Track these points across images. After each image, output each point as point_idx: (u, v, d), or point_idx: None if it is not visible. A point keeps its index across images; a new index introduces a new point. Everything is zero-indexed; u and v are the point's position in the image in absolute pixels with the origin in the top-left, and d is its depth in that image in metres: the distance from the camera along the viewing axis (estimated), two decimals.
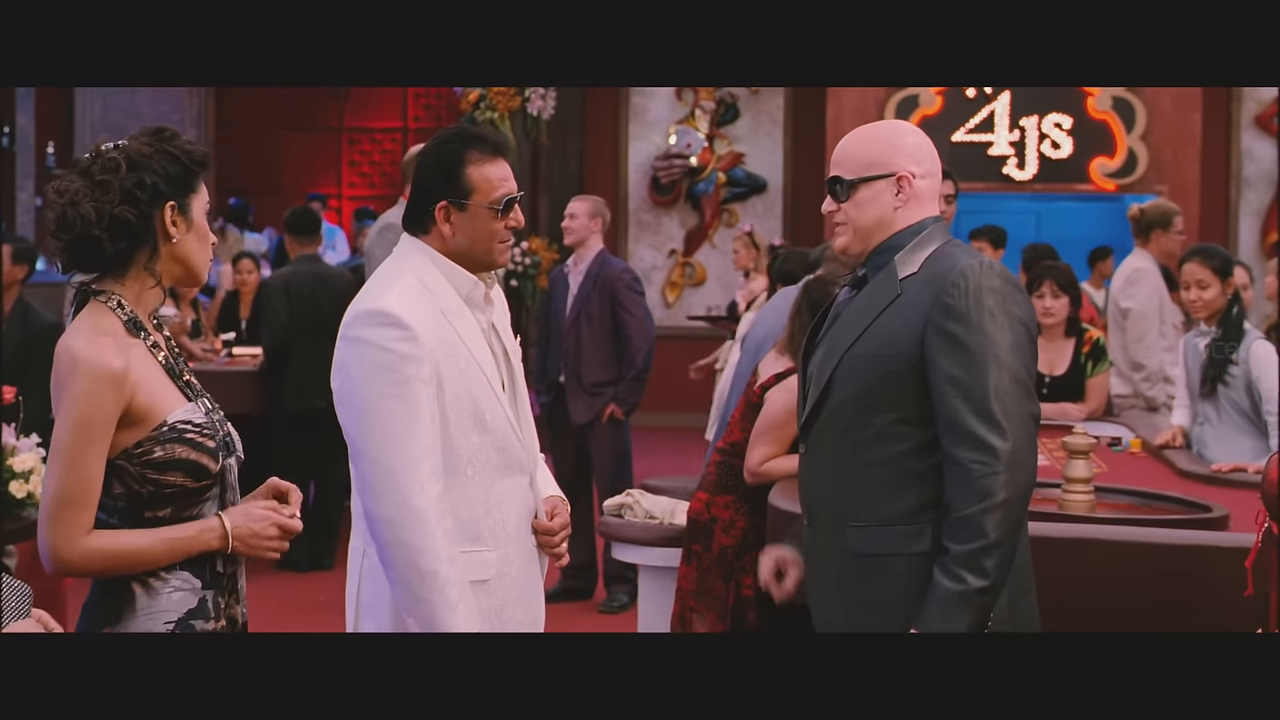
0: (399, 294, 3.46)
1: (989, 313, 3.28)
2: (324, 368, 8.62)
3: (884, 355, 3.36)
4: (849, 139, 3.59)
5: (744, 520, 5.36)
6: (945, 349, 3.28)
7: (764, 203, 15.46)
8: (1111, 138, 13.92)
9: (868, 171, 3.48)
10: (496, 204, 3.54)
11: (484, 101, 12.76)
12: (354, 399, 3.43)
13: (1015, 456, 3.23)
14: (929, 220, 3.50)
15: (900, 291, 3.40)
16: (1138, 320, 8.12)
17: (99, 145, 3.06)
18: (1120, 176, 13.91)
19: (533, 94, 12.73)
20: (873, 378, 3.38)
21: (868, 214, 3.48)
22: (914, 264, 3.42)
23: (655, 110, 15.47)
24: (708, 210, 15.41)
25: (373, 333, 3.40)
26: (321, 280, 9.08)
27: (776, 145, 15.46)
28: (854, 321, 3.46)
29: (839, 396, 3.44)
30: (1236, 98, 14.65)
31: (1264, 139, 14.70)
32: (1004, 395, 3.25)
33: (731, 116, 15.45)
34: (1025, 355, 3.32)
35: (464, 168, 3.53)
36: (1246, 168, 14.75)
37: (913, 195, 3.48)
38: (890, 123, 3.69)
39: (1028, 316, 3.37)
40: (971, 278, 3.30)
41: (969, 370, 3.26)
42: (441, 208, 3.53)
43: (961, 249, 3.46)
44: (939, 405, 3.30)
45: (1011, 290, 3.34)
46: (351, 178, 18.04)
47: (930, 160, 3.53)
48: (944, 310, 3.30)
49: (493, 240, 3.57)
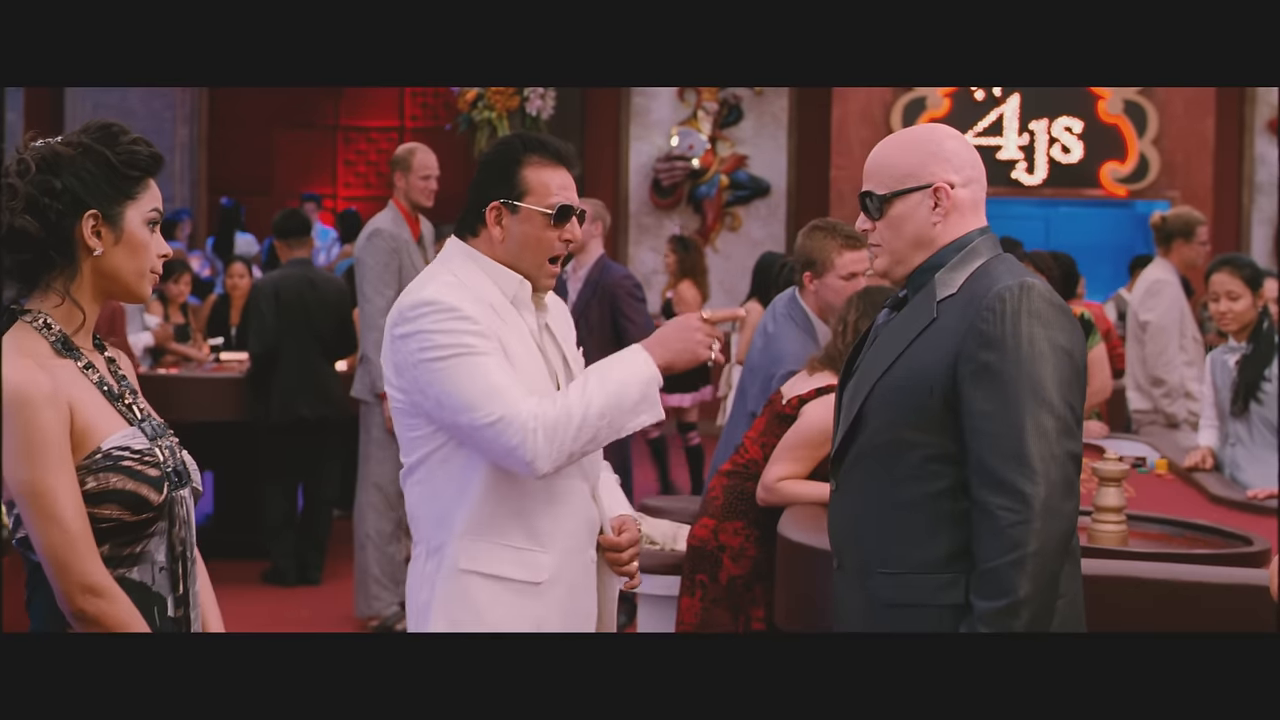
0: (440, 285, 3.33)
1: (1027, 340, 2.97)
2: (313, 375, 8.71)
3: (914, 386, 3.07)
4: (880, 148, 3.29)
5: (755, 548, 4.99)
6: (977, 380, 2.99)
7: (767, 206, 15.17)
8: (1123, 142, 13.66)
9: (901, 184, 3.17)
10: (551, 209, 3.38)
11: (482, 101, 12.45)
12: (424, 381, 3.27)
13: (1049, 503, 2.92)
14: (974, 233, 3.18)
15: (936, 315, 3.10)
16: (1158, 334, 7.80)
17: (25, 142, 2.75)
18: (1131, 182, 13.65)
19: (531, 93, 12.43)
20: (904, 411, 3.09)
21: (904, 232, 3.18)
22: (954, 284, 3.12)
23: (657, 111, 15.18)
24: (710, 213, 15.13)
25: (420, 322, 3.27)
26: (312, 285, 8.77)
27: (780, 148, 15.15)
28: (888, 347, 3.17)
29: (869, 430, 3.16)
30: (1250, 102, 14.38)
31: (1276, 144, 14.39)
32: (1040, 435, 2.94)
33: (735, 118, 15.16)
34: (1068, 389, 3.00)
35: (520, 168, 3.40)
36: (1259, 173, 14.47)
37: (953, 208, 3.16)
38: (925, 127, 3.37)
39: (1073, 344, 3.04)
40: (1009, 300, 3.00)
41: (1002, 405, 2.96)
42: (494, 208, 3.39)
43: (1007, 266, 3.13)
44: (968, 443, 3.01)
45: (1055, 314, 3.02)
46: (347, 178, 17.81)
47: (972, 166, 3.21)
48: (977, 337, 3.00)
49: (542, 252, 3.41)
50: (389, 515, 7.62)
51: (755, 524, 5.00)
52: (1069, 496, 2.97)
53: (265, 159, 17.59)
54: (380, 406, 7.45)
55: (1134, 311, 8.00)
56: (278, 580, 8.66)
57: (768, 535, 4.90)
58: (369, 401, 7.56)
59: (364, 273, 7.54)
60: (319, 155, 17.75)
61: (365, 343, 7.51)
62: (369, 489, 7.65)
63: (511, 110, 12.42)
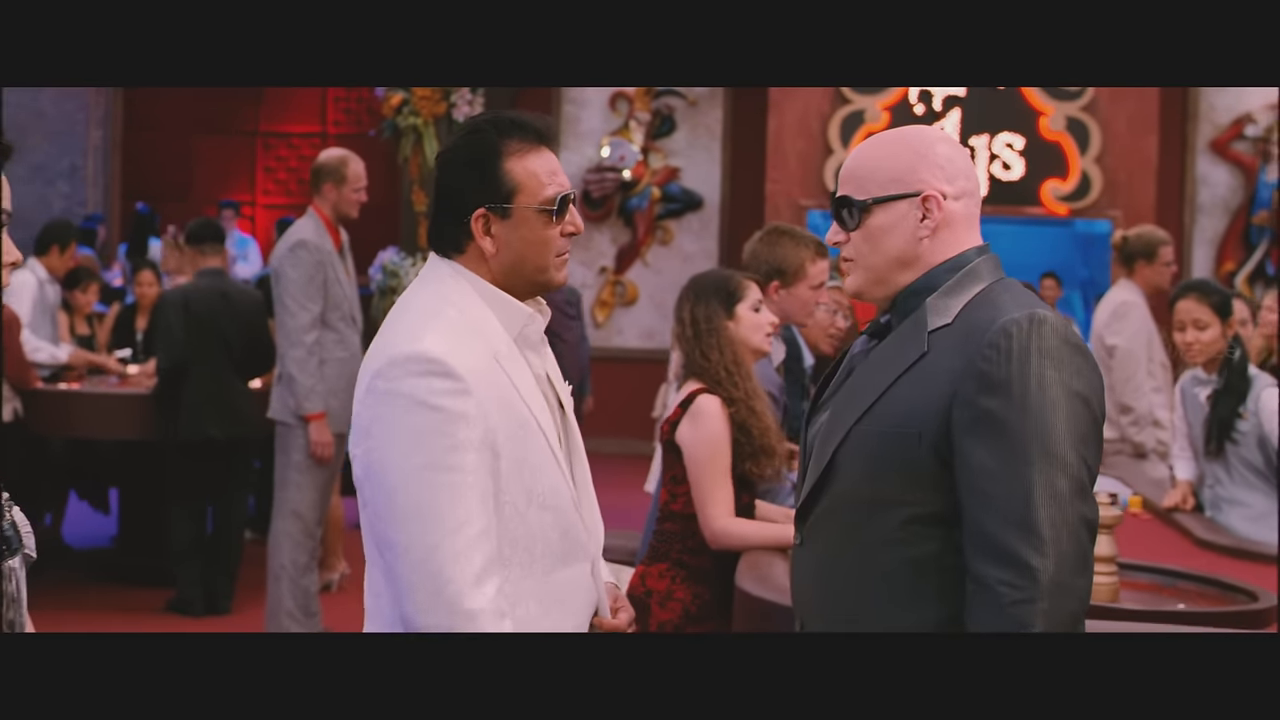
0: (442, 333, 2.75)
1: (1037, 384, 2.52)
2: (224, 393, 8.15)
3: (899, 433, 2.61)
4: (861, 148, 2.84)
5: (682, 589, 4.57)
6: (976, 430, 2.54)
7: (700, 220, 14.78)
8: (1064, 159, 13.35)
9: (884, 190, 2.74)
10: (549, 204, 2.84)
11: (407, 106, 12.00)
12: (386, 473, 2.70)
13: (1059, 579, 2.48)
14: (972, 252, 2.75)
15: (927, 349, 2.65)
16: (1125, 359, 7.36)
17: None
18: (1073, 200, 13.35)
19: (459, 99, 11.99)
20: (885, 462, 2.63)
21: (885, 247, 2.74)
22: (948, 312, 2.67)
23: (588, 120, 14.77)
24: (641, 227, 14.74)
25: (414, 384, 2.69)
26: (225, 297, 8.25)
27: (714, 160, 14.77)
28: (868, 384, 2.71)
29: (844, 482, 2.70)
30: (1192, 120, 14.15)
31: (1219, 164, 14.19)
32: (1051, 498, 2.49)
33: (668, 129, 14.78)
34: (1084, 444, 2.55)
35: (501, 161, 2.84)
36: (1201, 194, 14.23)
37: (943, 221, 2.73)
38: (914, 128, 2.89)
39: (1091, 390, 2.59)
40: (1017, 336, 2.55)
41: (1006, 461, 2.51)
42: (479, 217, 2.84)
43: (1012, 294, 2.69)
44: (964, 503, 2.56)
45: (1071, 354, 2.57)
46: (267, 184, 17.29)
47: (966, 176, 2.78)
48: (978, 379, 2.55)
49: (548, 252, 2.87)
50: (306, 545, 7.16)
51: (678, 564, 4.61)
52: (1082, 571, 2.53)
53: (182, 164, 17.02)
54: (303, 430, 6.99)
55: (1099, 335, 7.57)
56: (183, 610, 8.11)
57: (696, 575, 4.56)
58: (289, 424, 7.09)
59: (286, 286, 7.05)
60: (238, 161, 17.21)
61: (287, 361, 7.04)
62: (287, 517, 7.17)
63: (438, 116, 11.99)
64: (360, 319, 7.36)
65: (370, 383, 2.75)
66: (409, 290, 2.92)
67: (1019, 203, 13.48)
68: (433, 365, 2.69)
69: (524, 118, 2.90)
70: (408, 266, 11.61)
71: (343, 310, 7.17)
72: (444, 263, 2.90)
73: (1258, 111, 13.98)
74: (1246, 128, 14.03)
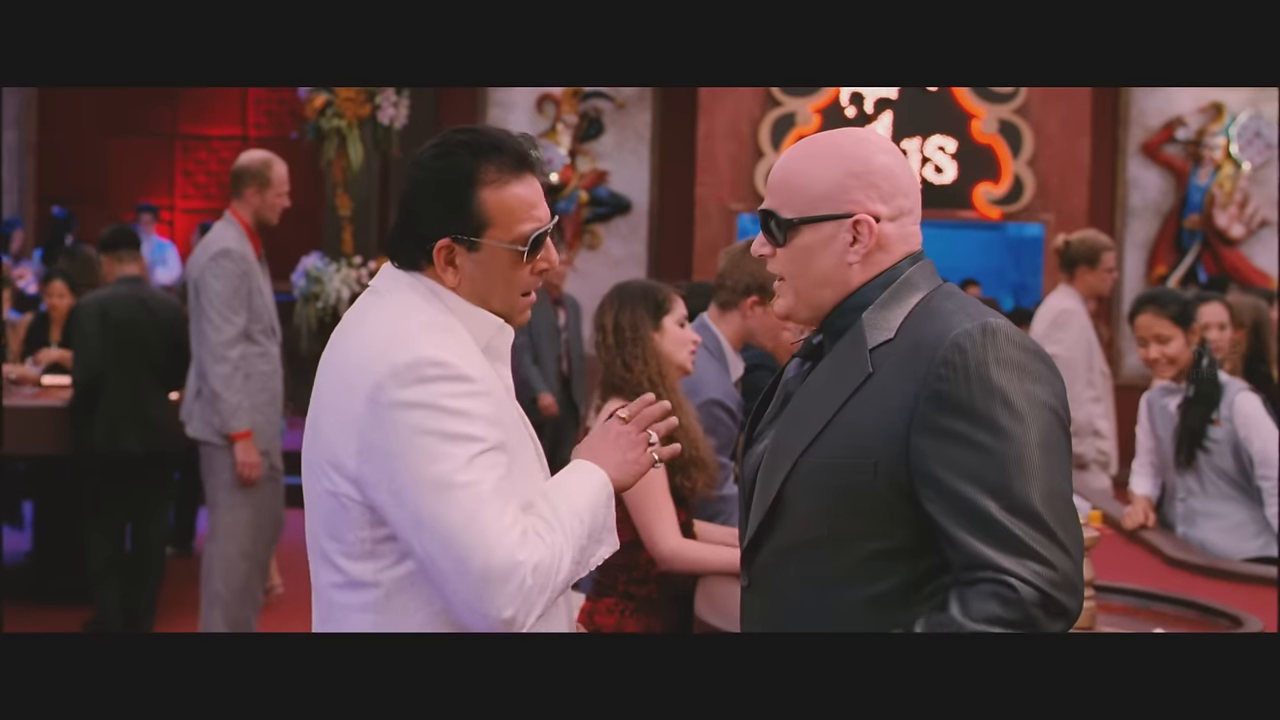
0: (433, 337, 2.52)
1: (1001, 399, 2.33)
2: (144, 405, 7.77)
3: (850, 464, 2.40)
4: (792, 157, 2.59)
5: (632, 624, 4.36)
6: (944, 454, 2.33)
7: (628, 224, 14.57)
8: (997, 163, 13.24)
9: (812, 209, 2.51)
10: (521, 242, 2.60)
11: (330, 108, 11.74)
12: (417, 490, 2.46)
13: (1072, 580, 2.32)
14: (905, 262, 2.54)
15: (871, 369, 2.43)
16: (1065, 368, 7.09)
17: None
18: (1006, 204, 13.25)
19: (384, 101, 11.74)
20: (838, 495, 2.42)
21: (810, 268, 2.53)
22: (888, 326, 2.47)
23: (514, 123, 14.50)
24: (568, 231, 14.50)
25: (428, 390, 2.47)
26: (144, 306, 7.91)
27: (643, 163, 14.56)
28: (810, 412, 2.49)
29: (793, 519, 2.48)
30: (1124, 124, 14.08)
31: (1150, 167, 14.13)
32: (1033, 513, 2.30)
33: (595, 132, 14.56)
34: (1059, 455, 2.37)
35: (476, 190, 2.59)
36: (1132, 197, 14.16)
37: (876, 245, 2.51)
38: (851, 135, 2.61)
39: (1057, 398, 2.40)
40: (972, 350, 2.35)
41: (983, 483, 2.31)
42: (443, 248, 2.59)
43: (955, 302, 2.48)
44: (945, 529, 2.35)
45: (1031, 362, 2.38)
46: (186, 188, 16.94)
47: (905, 191, 2.54)
48: (936, 400, 2.35)
49: (513, 292, 2.64)
50: (241, 569, 6.86)
51: (626, 596, 4.39)
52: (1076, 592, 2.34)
53: (98, 167, 16.65)
54: (229, 449, 6.70)
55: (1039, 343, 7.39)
56: (102, 629, 7.78)
57: (644, 605, 4.37)
58: (215, 444, 6.79)
59: (210, 298, 6.71)
60: (156, 164, 16.85)
61: (212, 377, 6.70)
62: (220, 541, 6.86)
63: (362, 119, 11.75)
64: (279, 330, 7.07)
65: (373, 398, 2.50)
66: (361, 304, 2.69)
67: (951, 206, 13.37)
68: (443, 369, 2.49)
69: (505, 139, 2.65)
70: (331, 272, 11.37)
71: (264, 322, 6.87)
72: (405, 276, 2.66)
73: (1189, 115, 13.95)
74: (1177, 131, 13.99)
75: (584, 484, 2.65)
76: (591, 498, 2.63)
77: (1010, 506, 2.30)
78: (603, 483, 2.66)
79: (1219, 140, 13.83)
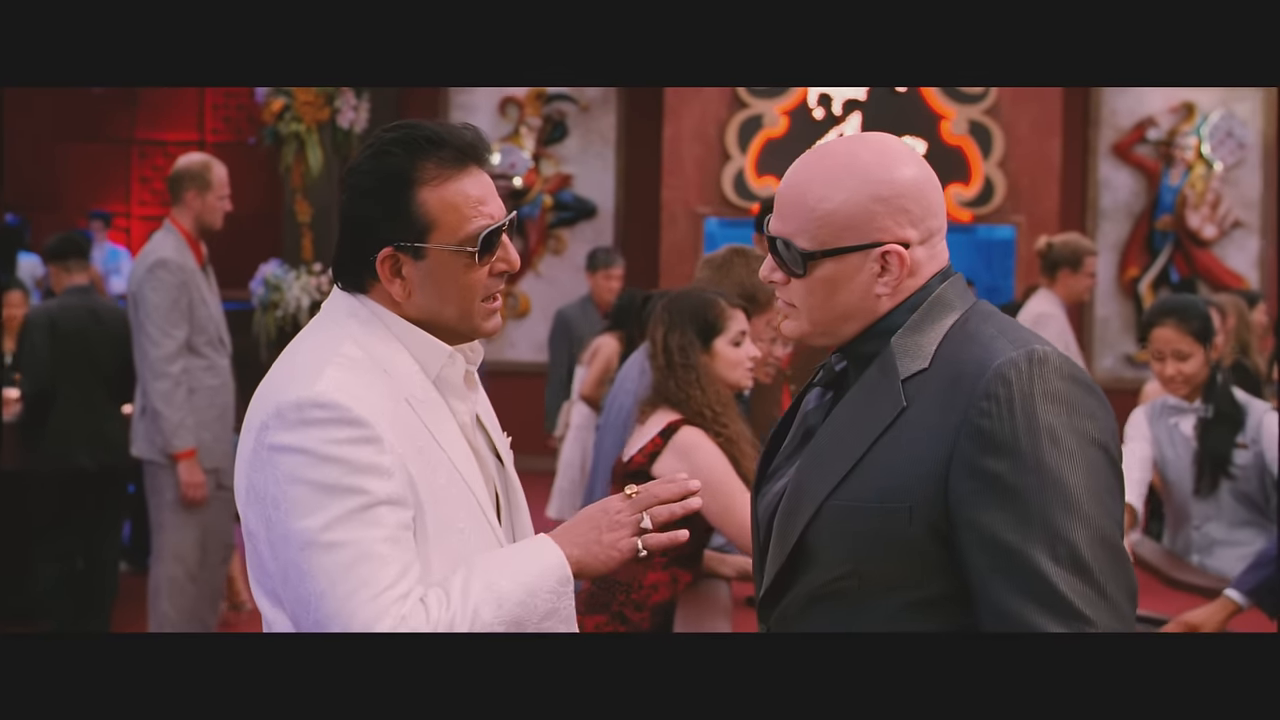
0: (339, 373, 2.28)
1: (1048, 437, 2.09)
2: (95, 419, 7.51)
3: (885, 509, 2.17)
4: (805, 173, 2.31)
5: None
6: (985, 501, 2.10)
7: (594, 228, 14.36)
8: (966, 164, 13.05)
9: (837, 240, 2.25)
10: (470, 242, 2.36)
11: (289, 113, 11.47)
12: (286, 544, 2.23)
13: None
14: (935, 280, 2.30)
15: (905, 403, 2.19)
16: None
17: None
18: (976, 206, 13.05)
19: (343, 104, 11.48)
20: (870, 542, 2.19)
21: (835, 303, 2.28)
22: (921, 354, 2.23)
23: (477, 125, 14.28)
24: (533, 236, 14.31)
25: (309, 435, 2.23)
26: (95, 317, 7.65)
27: (608, 167, 14.37)
28: (836, 449, 2.25)
29: (819, 568, 2.24)
30: (1094, 125, 13.94)
31: (1121, 168, 13.99)
32: (1080, 572, 2.07)
33: (560, 135, 14.36)
34: (1110, 498, 2.13)
35: (414, 191, 2.36)
36: (1103, 198, 14.01)
37: (906, 273, 2.26)
38: (872, 145, 2.31)
39: (1108, 433, 2.17)
40: (1017, 382, 2.11)
41: (1025, 534, 2.07)
42: (386, 258, 2.35)
43: (996, 324, 2.24)
44: (981, 585, 2.12)
45: (1081, 396, 2.15)
46: (143, 194, 16.64)
47: (934, 210, 2.30)
48: (978, 439, 2.11)
49: (471, 298, 2.40)
50: (189, 591, 6.62)
51: (618, 617, 4.16)
52: None
53: (53, 173, 16.34)
54: (173, 469, 6.44)
55: None
56: None
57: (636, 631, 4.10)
58: (159, 463, 6.53)
59: (148, 311, 6.47)
60: (112, 170, 16.55)
61: (153, 395, 6.46)
62: (166, 561, 6.62)
63: (321, 123, 11.49)
64: (229, 340, 6.82)
65: (257, 438, 2.28)
66: (304, 331, 2.45)
67: None
68: (329, 411, 2.24)
69: (442, 132, 2.41)
70: (291, 279, 11.12)
71: (209, 333, 6.61)
72: (346, 297, 2.42)
73: (1160, 115, 13.81)
74: (1148, 131, 13.85)
75: (527, 564, 2.35)
76: (531, 581, 2.33)
77: (1055, 557, 2.07)
78: (555, 564, 2.36)
79: (1191, 140, 13.70)
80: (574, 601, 2.38)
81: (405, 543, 2.25)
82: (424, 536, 2.30)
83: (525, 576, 2.32)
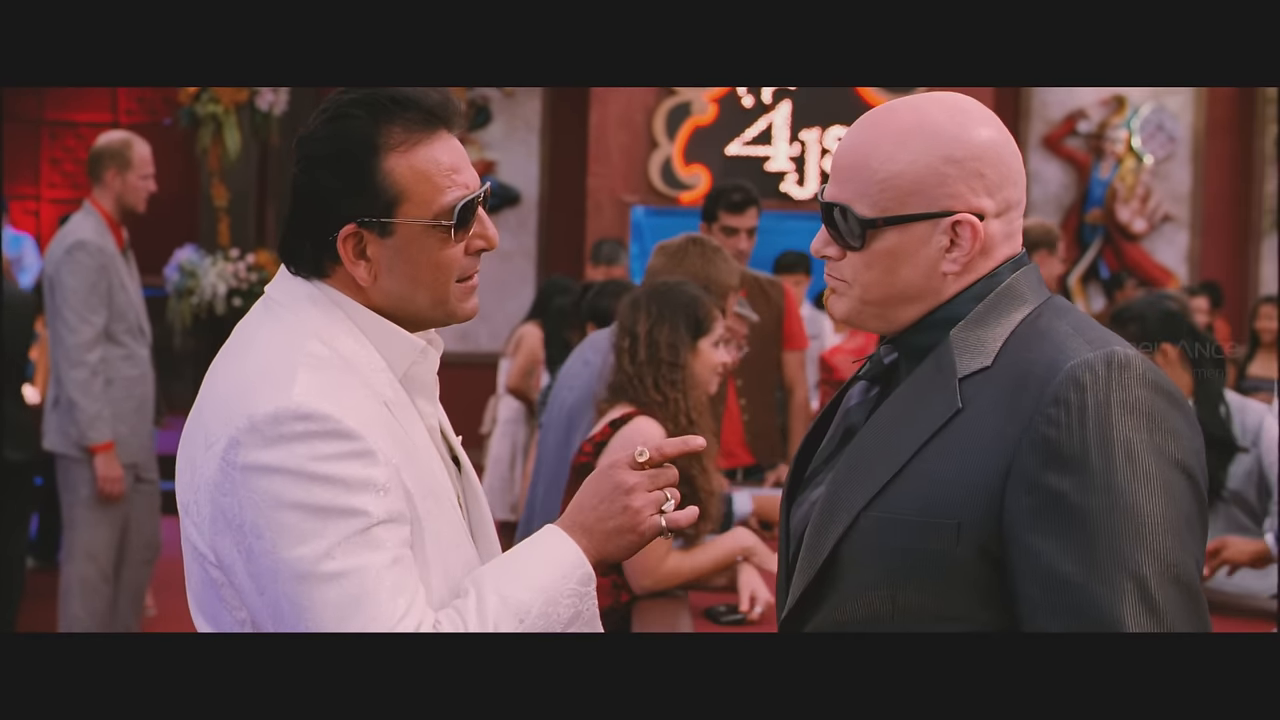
0: (312, 376, 2.01)
1: (1123, 453, 1.83)
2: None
3: (931, 523, 1.90)
4: (867, 132, 2.05)
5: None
6: (1045, 523, 1.84)
7: (517, 216, 14.08)
8: None
9: (901, 205, 1.99)
10: (445, 215, 2.08)
11: (206, 94, 11.17)
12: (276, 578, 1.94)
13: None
14: (1005, 267, 2.02)
15: (961, 404, 1.92)
16: None
17: None
18: None
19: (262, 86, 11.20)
20: (912, 562, 1.92)
21: (896, 280, 2.02)
22: (984, 350, 1.96)
23: None
24: None
25: (291, 452, 1.95)
26: None
27: (532, 153, 14.10)
28: (878, 454, 1.98)
29: (851, 587, 1.97)
30: (1025, 117, 13.82)
31: (1052, 161, 13.88)
32: (1152, 614, 1.80)
33: (483, 120, 14.07)
34: (1188, 532, 1.86)
35: (380, 159, 2.08)
36: (1033, 191, 13.89)
37: (978, 249, 1.99)
38: (941, 103, 2.04)
39: (1193, 454, 1.89)
40: (1092, 388, 1.85)
41: (1090, 566, 1.81)
42: (349, 236, 2.06)
43: (1072, 321, 1.98)
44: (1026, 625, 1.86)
45: (1166, 408, 1.87)
46: (53, 177, 16.28)
47: (1013, 179, 2.03)
48: (1042, 450, 1.85)
49: (447, 278, 2.12)
50: (103, 592, 6.31)
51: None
52: None
53: None
54: (88, 462, 6.13)
55: None
56: None
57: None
58: (73, 456, 6.22)
59: (65, 296, 6.15)
60: (21, 152, 16.13)
61: (68, 384, 6.13)
62: (79, 560, 6.30)
63: (240, 104, 11.19)
64: (149, 329, 6.51)
65: (225, 457, 1.99)
66: (251, 318, 2.16)
67: None
68: (312, 423, 1.96)
69: (409, 93, 2.12)
70: (207, 265, 10.84)
71: (129, 321, 6.30)
72: (305, 285, 2.13)
73: (1090, 107, 13.71)
74: (1079, 124, 13.75)
75: (543, 567, 2.10)
76: (551, 586, 2.08)
77: (1119, 595, 1.80)
78: (574, 563, 2.11)
79: (1121, 133, 13.61)
80: (597, 599, 2.14)
81: (408, 563, 2.00)
82: (421, 550, 2.04)
83: (543, 581, 2.07)
